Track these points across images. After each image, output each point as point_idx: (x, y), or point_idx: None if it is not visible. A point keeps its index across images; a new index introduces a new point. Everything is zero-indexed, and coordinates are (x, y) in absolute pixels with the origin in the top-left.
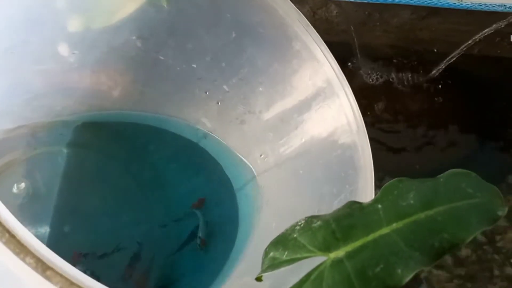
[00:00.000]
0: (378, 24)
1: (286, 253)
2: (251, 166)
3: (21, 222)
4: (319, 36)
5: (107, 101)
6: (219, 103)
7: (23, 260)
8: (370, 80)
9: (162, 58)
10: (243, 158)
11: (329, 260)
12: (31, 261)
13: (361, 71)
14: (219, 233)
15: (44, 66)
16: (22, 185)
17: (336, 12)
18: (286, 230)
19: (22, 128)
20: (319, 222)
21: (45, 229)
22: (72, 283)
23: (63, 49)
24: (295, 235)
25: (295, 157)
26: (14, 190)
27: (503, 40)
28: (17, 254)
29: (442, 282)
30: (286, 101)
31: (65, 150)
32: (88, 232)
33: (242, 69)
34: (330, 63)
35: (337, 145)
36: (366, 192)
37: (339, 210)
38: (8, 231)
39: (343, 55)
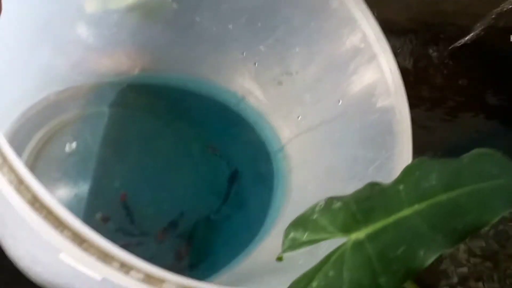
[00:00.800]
0: None
1: (306, 234)
2: (288, 128)
3: (75, 179)
4: None
5: (148, 62)
6: (256, 64)
7: (61, 233)
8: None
9: (198, 19)
10: (279, 121)
11: (349, 242)
12: (69, 234)
13: None
14: (255, 196)
15: (83, 31)
16: (74, 144)
17: None
18: (306, 211)
19: (71, 90)
20: (339, 204)
21: (97, 186)
22: (106, 255)
23: (100, 15)
24: (315, 216)
25: (331, 119)
26: (67, 149)
27: None
28: (55, 228)
29: (459, 259)
30: (322, 61)
31: (112, 110)
32: (134, 189)
33: (278, 29)
34: (368, 22)
35: (374, 108)
36: (402, 158)
37: (359, 191)
38: (46, 207)
39: None
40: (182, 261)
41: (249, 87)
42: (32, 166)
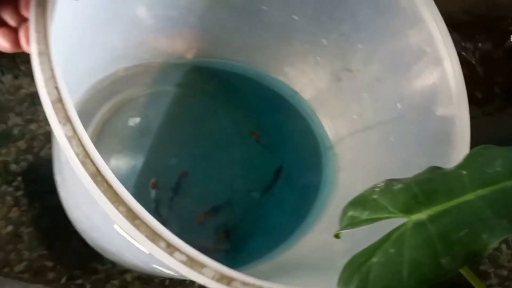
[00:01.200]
0: None
1: (366, 212)
2: (342, 126)
3: (134, 151)
4: None
5: (212, 46)
6: (317, 57)
7: (117, 208)
8: None
9: (264, 8)
10: (333, 118)
11: (410, 222)
12: (123, 210)
13: None
14: (300, 190)
15: (154, 12)
16: (137, 119)
17: None
18: (365, 191)
19: (138, 67)
20: (399, 185)
21: (154, 160)
22: (155, 234)
23: None
24: (375, 197)
25: (387, 121)
26: (130, 123)
27: None
28: (112, 202)
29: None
30: (385, 61)
31: (175, 90)
32: (187, 168)
33: (343, 24)
34: (437, 26)
35: (434, 115)
36: None
37: (420, 174)
38: (106, 181)
39: None
40: (221, 245)
41: (307, 80)
42: (98, 135)
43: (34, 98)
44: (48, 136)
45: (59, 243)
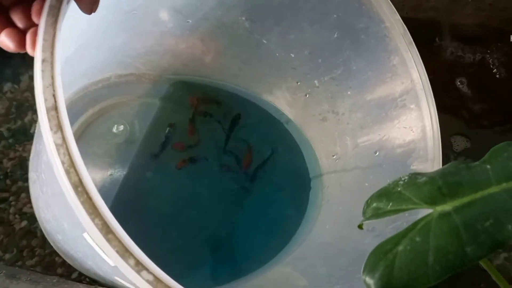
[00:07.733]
0: (470, 1)
1: (390, 204)
2: (326, 162)
3: (113, 159)
4: (419, 57)
5: (208, 68)
6: (307, 96)
7: (93, 220)
8: (457, 59)
9: (265, 41)
10: (320, 152)
11: (436, 213)
12: (99, 222)
13: (447, 50)
14: (283, 218)
15: (159, 28)
16: (121, 127)
17: None
18: (389, 184)
19: (131, 76)
20: (424, 178)
21: (132, 171)
22: (126, 250)
23: (178, 17)
24: (399, 189)
25: (364, 168)
26: (114, 130)
27: None
28: (89, 214)
29: None
30: (370, 111)
31: (161, 103)
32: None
33: (336, 69)
34: (423, 87)
35: (408, 169)
36: None
37: (444, 168)
38: (87, 193)
39: (430, 34)
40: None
41: (295, 114)
42: (79, 138)
43: None
44: None
45: None
